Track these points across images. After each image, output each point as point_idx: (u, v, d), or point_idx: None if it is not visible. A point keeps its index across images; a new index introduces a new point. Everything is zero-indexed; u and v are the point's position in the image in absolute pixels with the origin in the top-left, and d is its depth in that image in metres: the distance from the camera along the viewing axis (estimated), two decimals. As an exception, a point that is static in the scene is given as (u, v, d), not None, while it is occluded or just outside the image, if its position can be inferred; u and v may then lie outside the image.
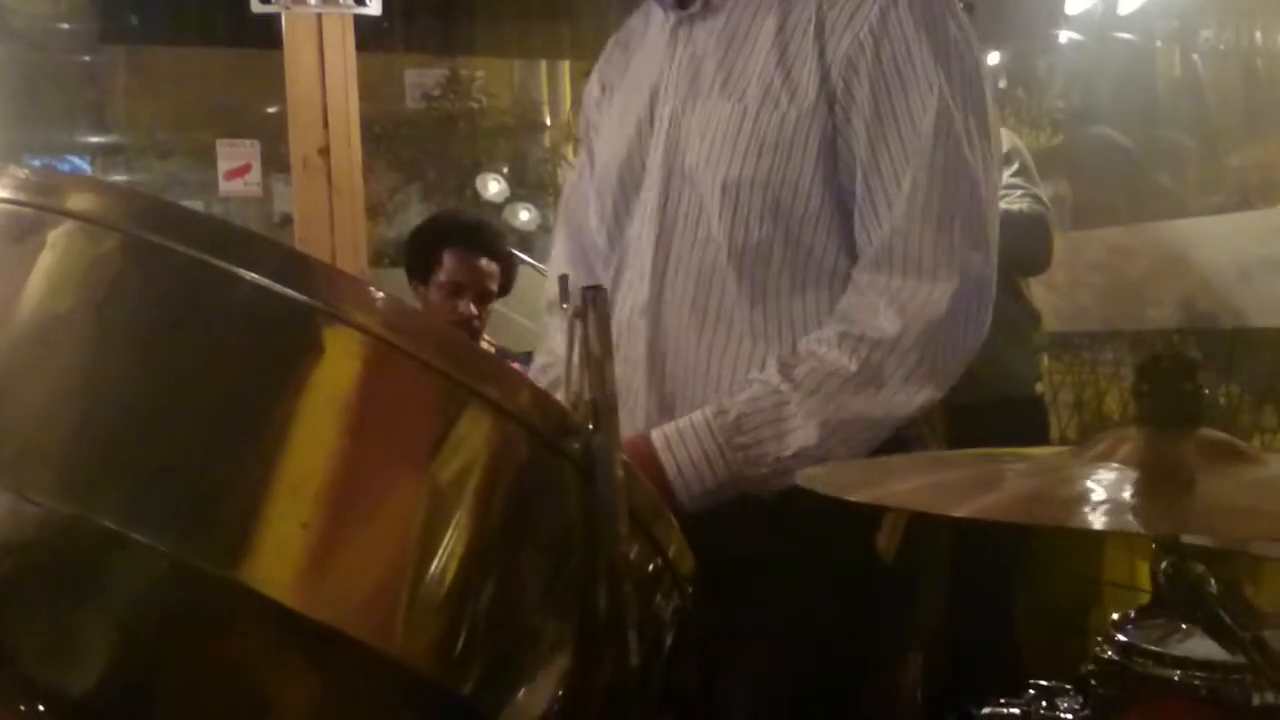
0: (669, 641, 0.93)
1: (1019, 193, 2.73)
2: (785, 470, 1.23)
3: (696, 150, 1.35)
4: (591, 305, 0.84)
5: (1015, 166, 2.78)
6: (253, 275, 0.75)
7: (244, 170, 4.05)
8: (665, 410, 1.32)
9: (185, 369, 0.75)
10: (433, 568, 0.76)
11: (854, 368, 1.26)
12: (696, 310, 1.34)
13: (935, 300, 1.27)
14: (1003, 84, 3.66)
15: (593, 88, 1.58)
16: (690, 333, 1.34)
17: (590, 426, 0.81)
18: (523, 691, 0.80)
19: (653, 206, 1.38)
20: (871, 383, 1.27)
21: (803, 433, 1.25)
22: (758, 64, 1.33)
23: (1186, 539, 0.85)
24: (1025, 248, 2.68)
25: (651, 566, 0.88)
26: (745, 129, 1.32)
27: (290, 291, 0.75)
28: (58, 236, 0.79)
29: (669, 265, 1.37)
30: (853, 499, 0.84)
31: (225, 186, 4.09)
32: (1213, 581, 0.79)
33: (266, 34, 3.41)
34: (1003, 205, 2.67)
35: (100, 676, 0.76)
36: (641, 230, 1.40)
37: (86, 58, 5.38)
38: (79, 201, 0.80)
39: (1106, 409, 3.17)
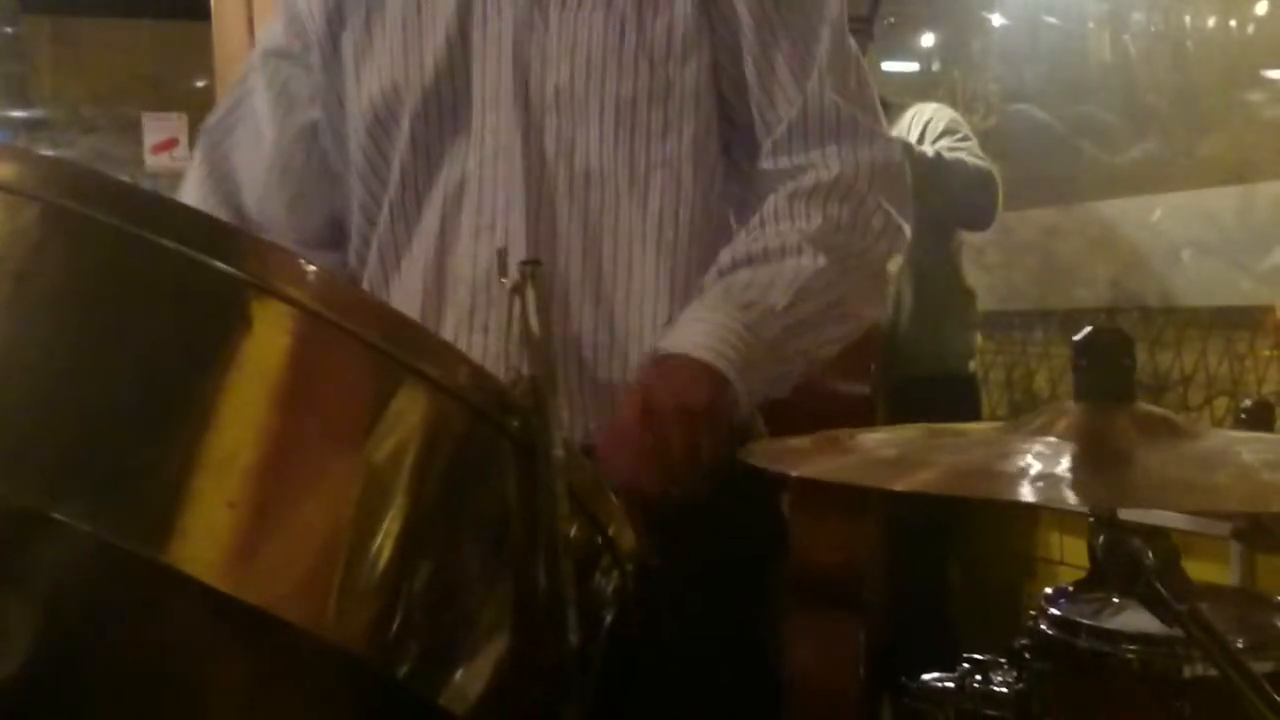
0: (608, 620, 0.92)
1: (966, 152, 2.78)
2: (800, 320, 1.15)
3: (564, 72, 1.20)
4: (530, 280, 0.82)
5: (960, 134, 2.82)
6: (179, 246, 0.72)
7: (171, 144, 3.98)
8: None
9: (108, 343, 0.73)
10: (367, 548, 0.74)
11: (818, 220, 1.18)
12: (590, 261, 1.20)
13: (878, 147, 1.23)
14: (937, 66, 3.69)
15: None
16: (587, 287, 1.20)
17: (530, 403, 0.79)
18: (460, 672, 0.79)
19: (507, 143, 1.21)
20: (849, 207, 1.20)
21: (807, 257, 1.16)
22: None
23: (1122, 514, 0.86)
24: (976, 199, 2.77)
25: (591, 545, 0.87)
26: (630, 40, 1.19)
27: (217, 263, 0.73)
28: (-26, 206, 0.76)
29: (549, 211, 1.20)
30: (796, 474, 0.84)
31: (152, 161, 4.02)
32: (1150, 555, 0.80)
33: (194, 5, 3.34)
34: (958, 156, 2.74)
35: (24, 661, 0.74)
36: (481, 172, 1.21)
37: (9, 29, 5.24)
38: (-3, 170, 0.77)
39: (1036, 387, 3.21)
